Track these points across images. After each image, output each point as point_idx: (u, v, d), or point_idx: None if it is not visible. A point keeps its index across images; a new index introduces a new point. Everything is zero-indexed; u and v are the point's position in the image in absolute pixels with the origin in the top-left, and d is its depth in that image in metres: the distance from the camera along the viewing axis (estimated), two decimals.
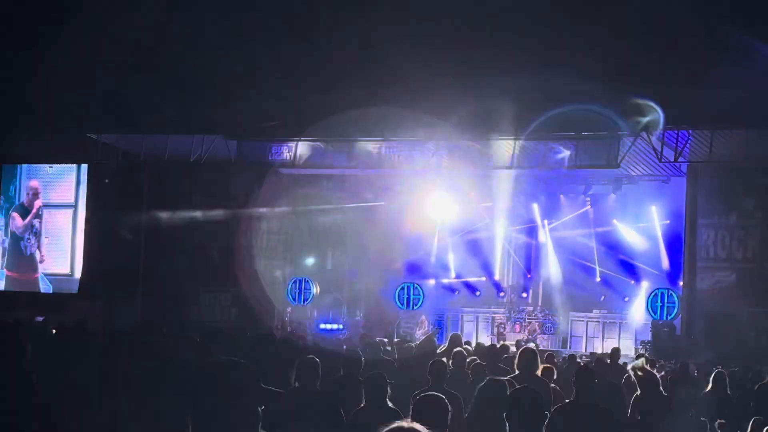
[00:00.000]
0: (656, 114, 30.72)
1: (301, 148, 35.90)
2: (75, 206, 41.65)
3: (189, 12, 39.00)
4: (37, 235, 42.16)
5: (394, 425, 4.77)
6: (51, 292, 41.61)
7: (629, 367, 19.60)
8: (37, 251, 42.11)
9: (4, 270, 42.33)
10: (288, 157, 36.10)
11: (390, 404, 10.42)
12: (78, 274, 41.47)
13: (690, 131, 31.39)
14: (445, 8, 36.15)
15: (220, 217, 39.91)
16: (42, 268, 41.87)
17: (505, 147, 33.78)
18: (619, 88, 34.34)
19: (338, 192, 39.39)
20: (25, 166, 42.80)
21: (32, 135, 41.12)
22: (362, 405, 10.61)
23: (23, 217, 42.17)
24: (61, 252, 41.88)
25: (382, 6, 36.84)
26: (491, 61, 35.13)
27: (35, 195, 42.19)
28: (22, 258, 42.22)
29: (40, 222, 42.11)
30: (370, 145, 35.31)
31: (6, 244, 42.58)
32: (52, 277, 41.73)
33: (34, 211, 42.14)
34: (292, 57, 39.13)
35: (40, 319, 27.13)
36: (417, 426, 4.79)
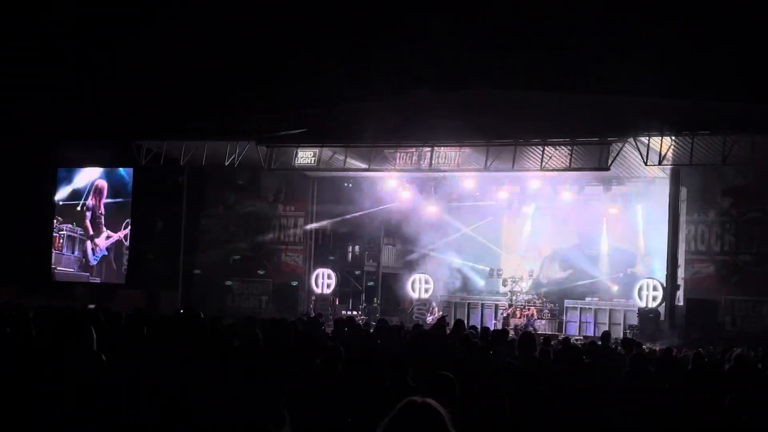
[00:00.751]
0: None
1: (324, 153, 36.01)
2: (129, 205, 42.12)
3: (224, 30, 39.21)
4: (99, 231, 42.57)
5: (408, 400, 4.68)
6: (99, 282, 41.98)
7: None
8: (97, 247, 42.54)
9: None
10: (312, 161, 36.21)
11: (411, 382, 10.46)
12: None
13: (673, 137, 31.43)
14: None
15: (251, 215, 40.14)
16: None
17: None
18: (610, 98, 34.50)
19: (357, 192, 39.51)
20: (79, 169, 43.11)
21: (84, 141, 41.41)
22: (387, 384, 10.60)
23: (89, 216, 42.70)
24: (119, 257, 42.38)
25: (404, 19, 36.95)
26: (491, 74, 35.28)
27: (99, 194, 42.52)
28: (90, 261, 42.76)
29: (102, 219, 42.54)
30: (386, 150, 35.42)
31: (75, 255, 43.04)
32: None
33: (100, 210, 42.56)
34: (318, 71, 39.32)
35: (91, 306, 27.28)
36: (429, 401, 4.68)
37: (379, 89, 35.87)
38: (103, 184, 42.57)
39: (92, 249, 42.49)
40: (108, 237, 42.22)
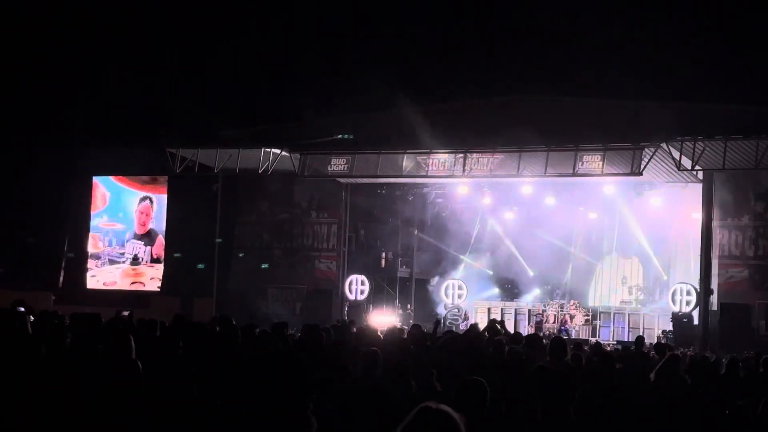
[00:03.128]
0: None
1: (358, 160, 36.07)
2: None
3: (254, 40, 39.35)
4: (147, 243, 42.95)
5: (422, 406, 4.65)
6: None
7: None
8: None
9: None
10: (344, 168, 36.29)
11: (438, 387, 10.45)
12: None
13: (705, 142, 31.26)
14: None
15: (285, 222, 40.22)
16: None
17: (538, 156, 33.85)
18: (643, 102, 34.39)
19: (390, 198, 39.56)
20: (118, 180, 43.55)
21: (120, 150, 41.65)
22: (414, 391, 10.61)
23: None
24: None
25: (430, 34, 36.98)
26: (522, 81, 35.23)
27: (146, 209, 42.94)
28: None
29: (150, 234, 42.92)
30: (418, 157, 35.46)
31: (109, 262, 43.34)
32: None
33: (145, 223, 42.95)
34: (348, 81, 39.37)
35: (125, 313, 27.37)
36: (444, 407, 4.65)
37: (411, 96, 35.80)
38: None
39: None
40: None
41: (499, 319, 32.28)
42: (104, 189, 43.76)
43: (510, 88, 38.88)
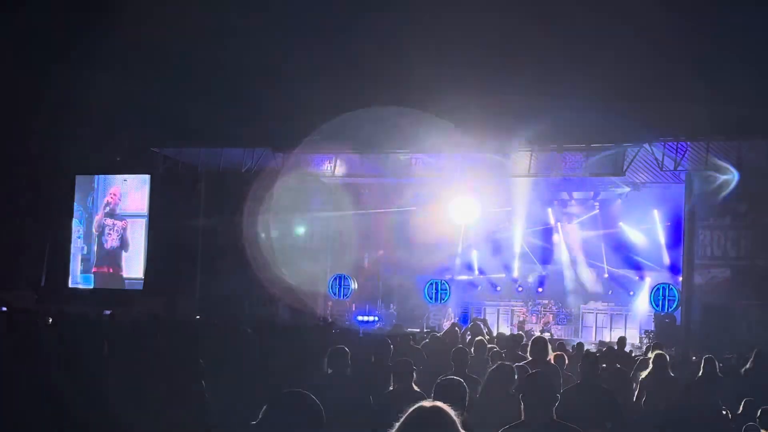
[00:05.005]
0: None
1: (340, 159, 36.06)
2: (148, 215, 42.07)
3: (240, 36, 39.23)
4: (119, 234, 42.62)
5: (417, 405, 4.73)
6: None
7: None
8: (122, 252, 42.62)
9: (92, 269, 42.79)
10: (329, 168, 36.27)
11: (416, 388, 10.41)
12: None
13: (688, 143, 31.35)
14: (472, 29, 36.18)
15: (268, 221, 40.15)
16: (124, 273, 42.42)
17: (524, 157, 33.87)
18: (625, 102, 34.41)
19: (374, 198, 39.54)
20: (101, 176, 43.20)
21: (102, 148, 41.50)
22: (391, 388, 10.59)
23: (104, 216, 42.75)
24: (137, 257, 42.29)
25: (416, 28, 36.91)
26: (512, 78, 35.16)
27: (114, 200, 42.65)
28: (107, 254, 42.69)
29: (123, 226, 42.58)
30: (401, 156, 35.45)
31: (85, 251, 42.97)
32: (129, 281, 42.20)
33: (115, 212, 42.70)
34: (332, 75, 39.25)
35: (107, 313, 27.33)
36: (439, 404, 4.74)
37: (392, 95, 35.74)
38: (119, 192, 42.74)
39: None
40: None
41: (482, 317, 32.37)
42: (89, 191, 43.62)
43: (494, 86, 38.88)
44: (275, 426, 4.92)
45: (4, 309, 16.22)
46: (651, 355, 16.88)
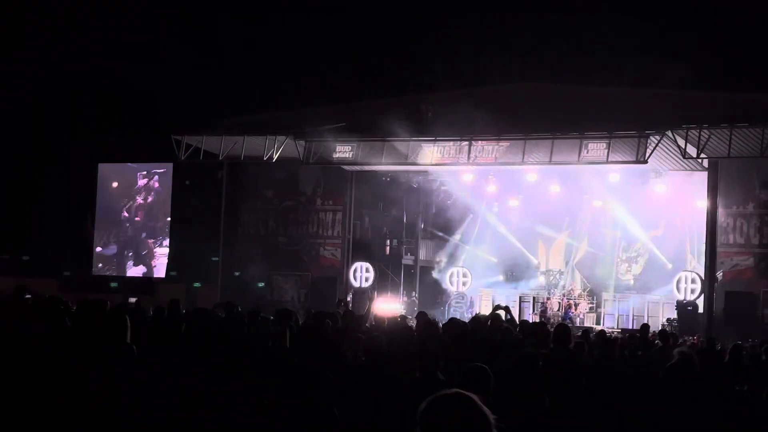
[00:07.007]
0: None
1: (361, 148, 35.99)
2: (171, 204, 42.32)
3: (263, 26, 39.29)
4: (141, 222, 42.93)
5: (440, 393, 4.62)
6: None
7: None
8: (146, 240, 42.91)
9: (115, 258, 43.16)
10: (349, 156, 36.23)
11: (440, 376, 10.35)
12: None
13: (711, 129, 31.18)
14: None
15: (290, 209, 40.19)
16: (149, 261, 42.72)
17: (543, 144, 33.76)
18: (649, 90, 34.32)
19: (395, 185, 39.51)
20: (123, 164, 43.41)
21: (125, 137, 41.64)
22: (417, 376, 10.50)
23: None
24: (159, 245, 42.56)
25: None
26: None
27: (136, 189, 42.91)
28: (129, 242, 43.00)
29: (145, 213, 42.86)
30: (423, 145, 35.36)
31: (107, 239, 43.24)
32: (153, 268, 42.54)
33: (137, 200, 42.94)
34: (355, 68, 39.33)
35: (132, 300, 27.42)
36: (461, 391, 4.61)
37: (415, 84, 35.78)
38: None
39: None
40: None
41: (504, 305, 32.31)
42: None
43: (515, 75, 38.83)
44: None
45: (28, 296, 16.22)
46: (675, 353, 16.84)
